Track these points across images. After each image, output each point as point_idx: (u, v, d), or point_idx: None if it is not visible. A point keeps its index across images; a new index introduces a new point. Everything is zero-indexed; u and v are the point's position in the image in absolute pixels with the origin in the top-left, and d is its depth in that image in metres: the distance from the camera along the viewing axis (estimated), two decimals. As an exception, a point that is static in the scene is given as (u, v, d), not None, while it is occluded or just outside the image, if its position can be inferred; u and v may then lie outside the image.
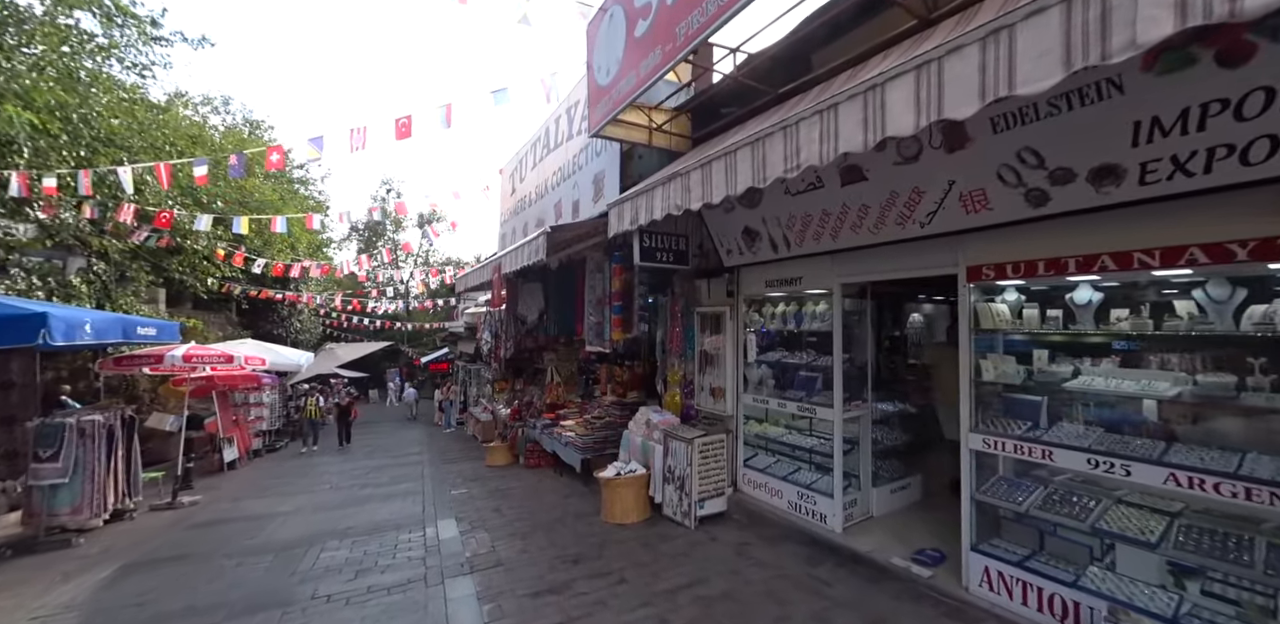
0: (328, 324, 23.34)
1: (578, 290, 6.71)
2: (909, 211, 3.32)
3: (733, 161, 3.16)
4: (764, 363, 5.18)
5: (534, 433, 8.54)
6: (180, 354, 6.86)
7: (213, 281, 10.45)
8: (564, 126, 6.93)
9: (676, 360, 5.97)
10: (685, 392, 5.81)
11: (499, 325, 8.13)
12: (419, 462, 9.91)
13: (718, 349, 5.32)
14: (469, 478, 7.98)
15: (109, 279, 8.65)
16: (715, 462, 5.06)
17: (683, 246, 4.94)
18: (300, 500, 7.24)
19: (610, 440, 7.21)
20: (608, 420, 7.33)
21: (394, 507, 6.61)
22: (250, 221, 12.88)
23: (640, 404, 7.60)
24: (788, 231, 4.25)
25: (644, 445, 5.63)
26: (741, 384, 5.17)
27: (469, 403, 15.30)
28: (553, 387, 8.95)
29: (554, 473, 7.94)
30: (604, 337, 5.87)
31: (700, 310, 5.53)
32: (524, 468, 8.43)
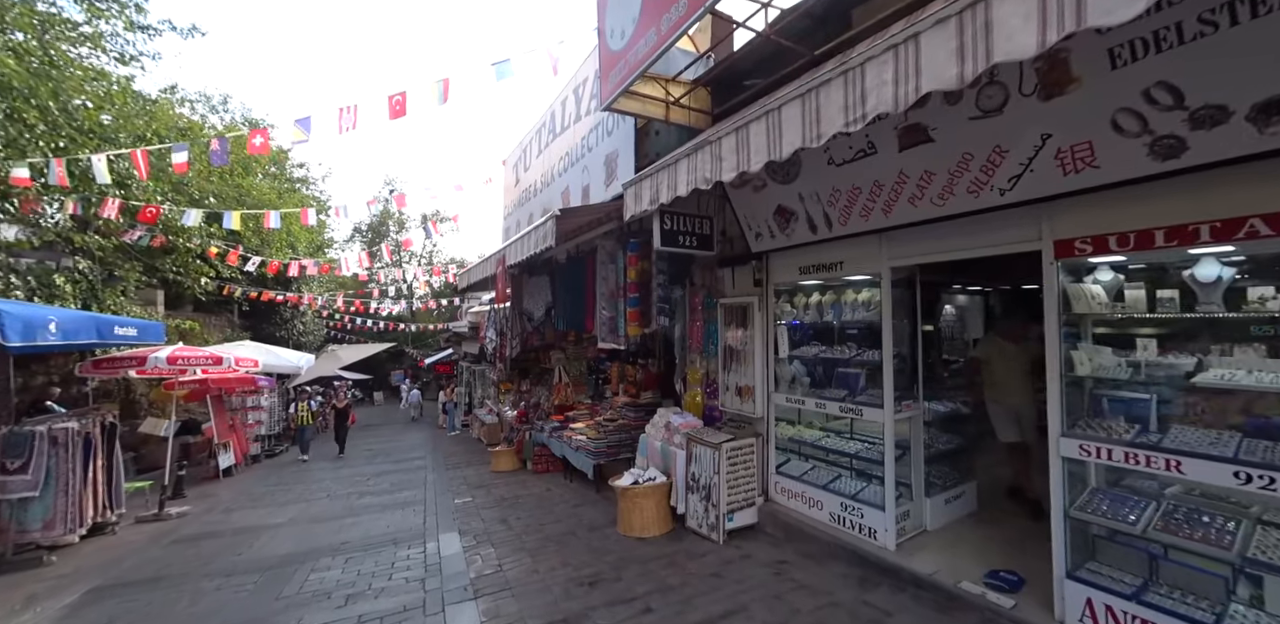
0: (331, 326, 22.94)
1: (588, 283, 6.20)
2: (986, 176, 2.79)
3: (776, 121, 2.64)
4: (798, 359, 4.65)
5: (542, 436, 8.03)
6: (164, 356, 6.39)
7: (207, 281, 9.99)
8: (571, 108, 6.44)
9: (697, 357, 5.44)
10: (708, 391, 5.29)
11: (504, 323, 7.64)
12: (421, 467, 9.42)
13: (744, 344, 4.80)
14: (473, 485, 7.48)
15: (96, 278, 8.19)
16: (745, 469, 4.54)
17: (706, 230, 4.42)
18: (295, 510, 6.75)
19: (624, 444, 6.71)
20: (621, 423, 6.82)
21: (393, 517, 6.11)
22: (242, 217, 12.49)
23: (656, 405, 7.09)
24: (829, 209, 3.72)
25: (664, 450, 5.12)
26: (772, 383, 4.65)
27: (473, 405, 14.82)
28: (561, 387, 8.44)
29: (564, 479, 7.42)
30: (618, 332, 5.36)
31: (724, 302, 5.01)
32: (532, 474, 7.93)
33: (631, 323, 5.07)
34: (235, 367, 7.21)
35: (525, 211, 8.22)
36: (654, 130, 5.22)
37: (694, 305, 5.43)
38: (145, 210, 7.41)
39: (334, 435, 11.74)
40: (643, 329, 5.14)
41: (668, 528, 4.77)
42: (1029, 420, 4.38)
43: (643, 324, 5.08)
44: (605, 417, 7.17)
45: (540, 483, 7.29)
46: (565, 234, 5.65)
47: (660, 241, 4.06)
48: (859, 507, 3.87)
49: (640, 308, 5.05)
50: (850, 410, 3.96)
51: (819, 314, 4.57)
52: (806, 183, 3.77)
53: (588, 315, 6.20)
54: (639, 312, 5.05)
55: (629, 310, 5.07)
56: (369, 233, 29.15)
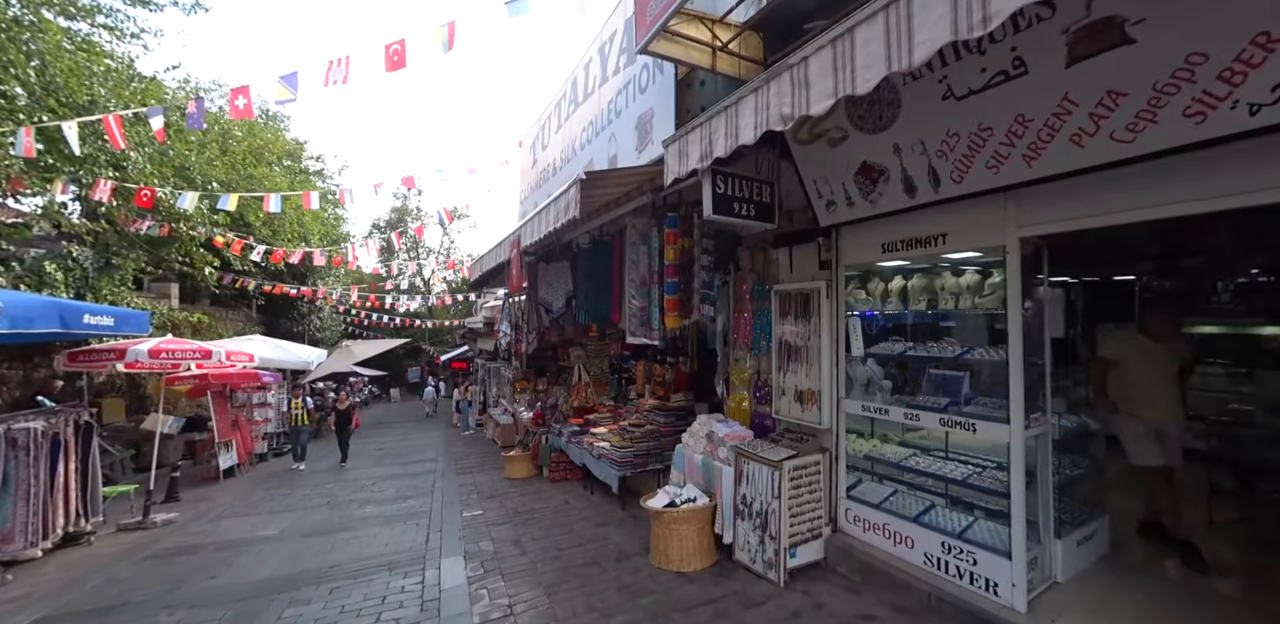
0: (349, 322, 22.57)
1: (614, 269, 5.37)
2: (1228, 87, 1.86)
3: (902, 15, 1.77)
4: (877, 358, 3.75)
5: (560, 441, 7.23)
6: (147, 349, 5.76)
7: (212, 271, 9.44)
8: (596, 70, 5.62)
9: (744, 355, 4.57)
10: (757, 396, 4.41)
11: (519, 315, 6.86)
12: (431, 471, 8.71)
13: (806, 340, 3.91)
14: (485, 494, 6.72)
15: (91, 266, 7.64)
16: (809, 492, 3.65)
17: (766, 197, 3.55)
18: (289, 520, 6.06)
19: (653, 454, 5.86)
20: (650, 429, 5.98)
21: (393, 533, 5.36)
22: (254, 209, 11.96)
23: (689, 409, 6.24)
24: (939, 161, 2.82)
25: (706, 465, 4.26)
26: (842, 387, 3.75)
27: (488, 404, 14.13)
28: (580, 387, 7.63)
29: (583, 489, 6.61)
30: (651, 324, 4.52)
31: (779, 289, 4.13)
32: (548, 482, 7.14)
33: (669, 313, 4.21)
34: (227, 361, 6.58)
35: (543, 193, 7.44)
36: (698, 81, 4.36)
37: (741, 294, 4.56)
38: (140, 193, 6.80)
39: (338, 441, 10.08)
40: (682, 320, 4.28)
41: (711, 560, 3.91)
42: (1174, 439, 3.42)
43: (683, 314, 4.23)
44: (631, 421, 6.34)
45: (558, 494, 6.49)
46: (591, 211, 4.83)
47: (712, 208, 3.21)
48: (970, 550, 2.96)
49: (680, 295, 4.19)
50: (957, 424, 3.05)
51: (903, 302, 3.66)
52: (908, 128, 2.87)
53: (614, 306, 5.37)
54: (678, 300, 4.20)
55: (666, 298, 4.22)
56: (387, 229, 28.81)
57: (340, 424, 9.97)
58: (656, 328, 4.51)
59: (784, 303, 4.15)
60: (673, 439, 6.09)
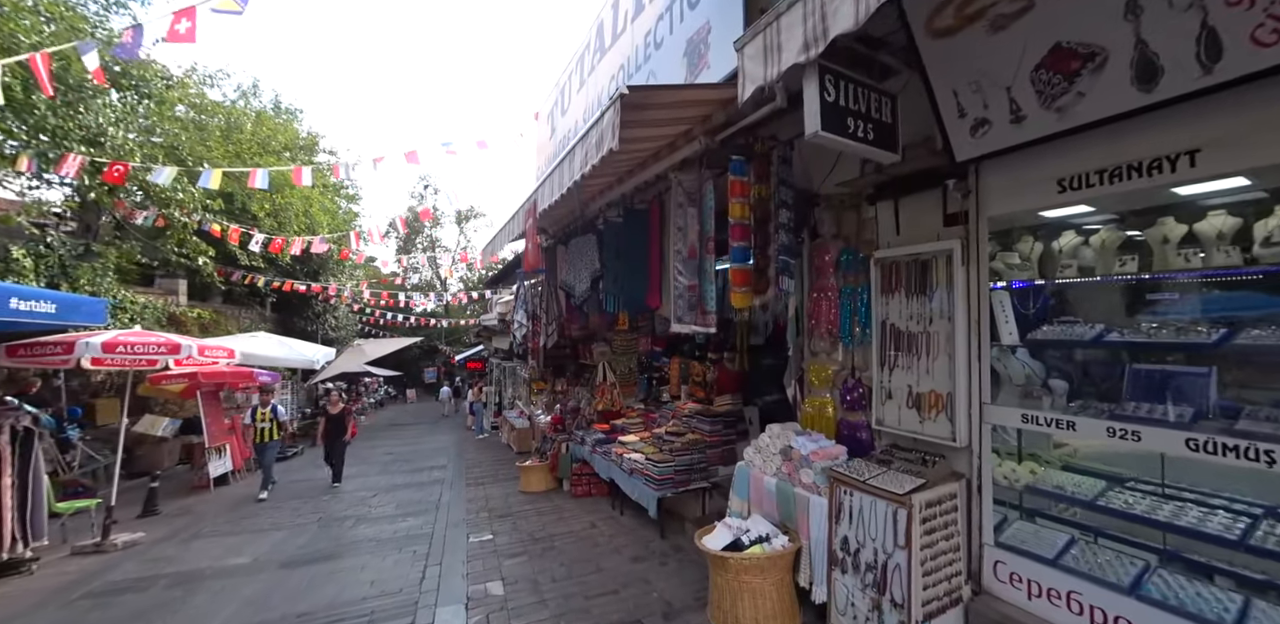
0: (364, 321, 21.93)
1: (651, 243, 4.32)
2: None
3: None
4: (1043, 346, 2.61)
5: (582, 450, 6.19)
6: (100, 342, 4.86)
7: (206, 262, 8.66)
8: (628, 3, 4.57)
9: (827, 346, 3.46)
10: (847, 399, 3.29)
11: (536, 303, 5.82)
12: (439, 480, 7.73)
13: (926, 324, 2.80)
14: (497, 512, 5.69)
15: (67, 253, 6.85)
16: (945, 538, 2.53)
17: (887, 115, 2.45)
18: (269, 542, 5.11)
19: (696, 469, 4.78)
20: (692, 439, 4.90)
21: (384, 565, 4.36)
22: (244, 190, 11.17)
23: (735, 415, 5.14)
24: (1228, 14, 1.69)
25: (781, 492, 3.16)
26: (985, 388, 2.62)
27: (503, 405, 13.18)
28: (605, 388, 6.58)
29: (610, 507, 5.56)
30: (705, 306, 3.43)
31: (883, 257, 3.02)
32: (569, 497, 6.10)
33: (737, 288, 3.12)
34: (200, 356, 5.69)
35: (563, 169, 6.41)
36: (773, -23, 3.27)
37: (820, 267, 3.45)
38: (111, 168, 5.94)
39: (324, 455, 7.86)
40: (755, 298, 3.19)
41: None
42: None
43: (757, 288, 3.14)
44: (668, 429, 5.26)
45: (581, 513, 5.44)
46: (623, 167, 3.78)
47: (820, 122, 2.12)
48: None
49: (755, 263, 3.10)
50: (1234, 449, 1.89)
51: (1078, 268, 2.52)
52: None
53: (651, 288, 4.31)
54: (748, 271, 3.11)
55: (733, 269, 3.12)
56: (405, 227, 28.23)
57: (331, 434, 7.76)
58: (712, 310, 3.42)
59: (889, 275, 3.03)
60: (720, 451, 5.01)
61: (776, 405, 5.38)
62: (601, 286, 4.67)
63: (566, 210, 5.58)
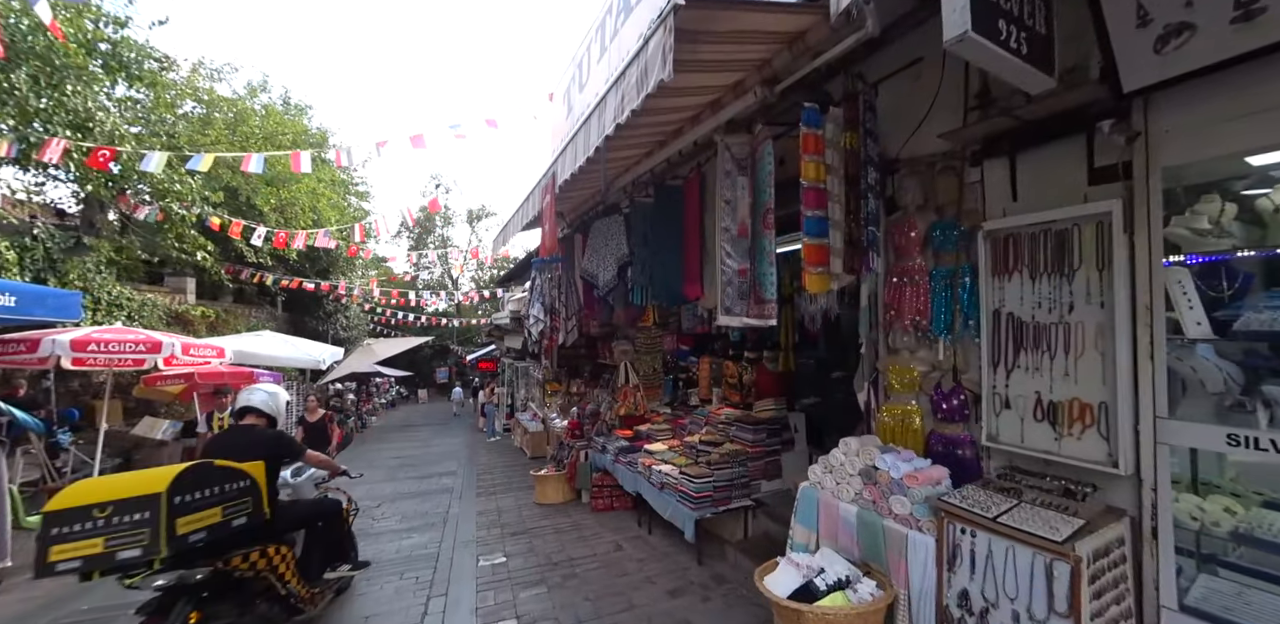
0: (375, 321, 21.58)
1: (688, 224, 3.69)
2: None
3: None
4: (1254, 340, 1.93)
5: (604, 459, 5.58)
6: (68, 339, 4.35)
7: (205, 256, 8.21)
8: (659, -52, 3.98)
9: (911, 341, 2.81)
10: (943, 408, 2.64)
11: (555, 295, 5.21)
12: (448, 488, 7.17)
13: (1064, 312, 2.14)
14: (510, 528, 5.10)
15: (56, 246, 6.40)
16: (1114, 601, 1.86)
17: (1041, 24, 1.81)
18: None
19: (738, 485, 4.15)
20: (732, 450, 4.26)
21: (383, 595, 3.77)
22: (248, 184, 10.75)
23: (779, 422, 4.50)
24: None
25: (865, 523, 2.51)
26: (1163, 396, 1.95)
27: (516, 407, 12.63)
28: (627, 391, 5.96)
29: (636, 523, 4.94)
30: (762, 293, 2.79)
31: (996, 228, 2.36)
32: (589, 511, 5.49)
33: (811, 269, 2.47)
34: (184, 355, 5.18)
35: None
36: None
37: (902, 245, 2.79)
38: (97, 153, 5.47)
39: None
40: (838, 279, 2.55)
41: (898, 702, 2.16)
42: None
43: (848, 266, 2.49)
44: (702, 438, 4.63)
45: (604, 531, 4.82)
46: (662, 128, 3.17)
47: (970, 20, 1.48)
48: None
49: (848, 234, 2.46)
50: None
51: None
52: None
53: (688, 276, 3.68)
54: (824, 248, 2.47)
55: (808, 246, 2.47)
56: (416, 228, 27.92)
57: (312, 444, 5.59)
58: (771, 298, 2.78)
59: (1003, 251, 2.37)
60: (763, 464, 4.36)
61: (826, 410, 4.73)
62: (630, 276, 4.04)
63: (588, 192, 4.98)
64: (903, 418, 2.84)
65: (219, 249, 12.01)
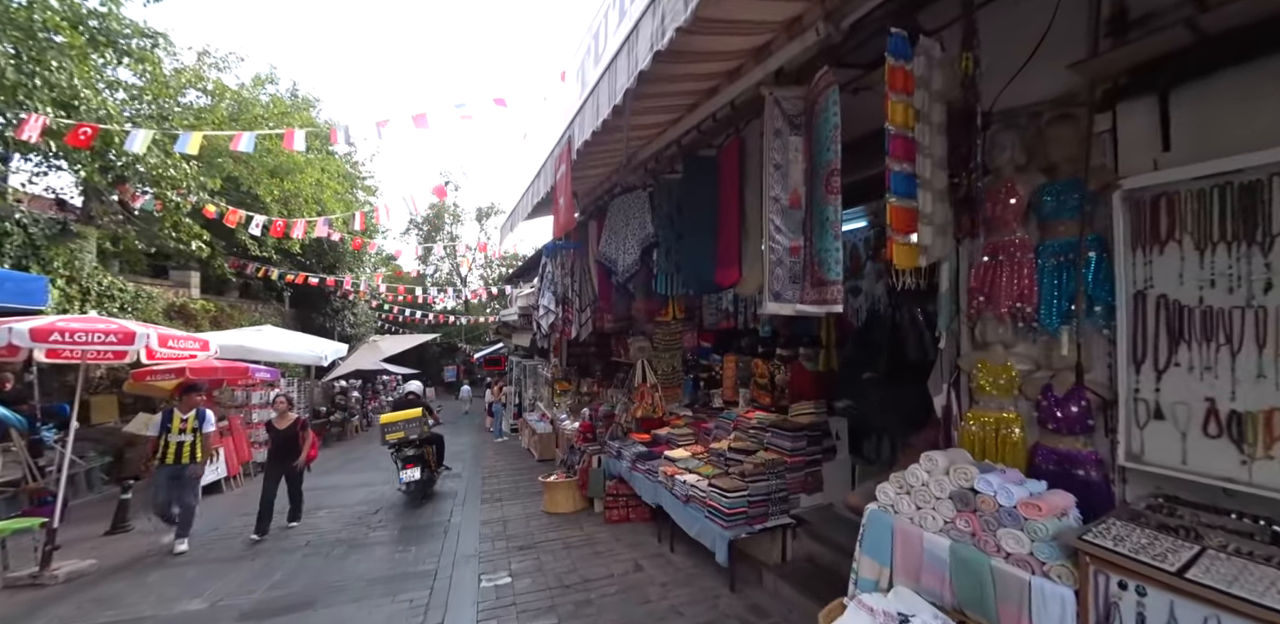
0: (383, 318, 21.26)
1: (726, 196, 3.16)
2: None
3: None
4: None
5: (618, 466, 5.06)
6: (28, 328, 3.90)
7: (200, 246, 7.81)
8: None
9: (1007, 333, 2.27)
10: (1056, 416, 2.09)
11: (568, 284, 4.66)
12: (451, 493, 6.69)
13: (1261, 292, 1.58)
14: (517, 542, 4.60)
15: (39, 232, 6.00)
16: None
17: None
18: (237, 578, 4.09)
19: (776, 499, 3.62)
20: (770, 459, 3.72)
21: (372, 622, 3.29)
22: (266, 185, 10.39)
23: (820, 428, 3.96)
24: None
25: (961, 561, 1.96)
26: None
27: (523, 407, 12.16)
28: (645, 391, 5.44)
29: (655, 539, 4.43)
30: (826, 272, 2.25)
31: (1141, 186, 1.83)
32: (602, 522, 4.99)
33: (898, 237, 1.94)
34: (161, 347, 4.73)
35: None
36: None
37: (996, 215, 2.24)
38: (78, 130, 5.04)
39: (262, 491, 5.14)
40: (929, 251, 2.01)
41: None
42: None
43: (963, 228, 1.97)
44: (731, 444, 4.10)
45: (620, 547, 4.30)
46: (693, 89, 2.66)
47: None
48: None
49: (964, 188, 1.93)
50: None
51: None
52: None
53: (722, 257, 3.15)
54: (911, 212, 1.93)
55: (895, 209, 1.93)
56: (425, 225, 27.63)
57: (278, 456, 5.20)
58: (835, 278, 2.24)
59: (1152, 216, 1.82)
60: (802, 476, 3.82)
61: (874, 415, 4.18)
62: (655, 259, 3.52)
63: (604, 171, 4.47)
64: (996, 427, 2.29)
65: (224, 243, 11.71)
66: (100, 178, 7.43)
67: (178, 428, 4.91)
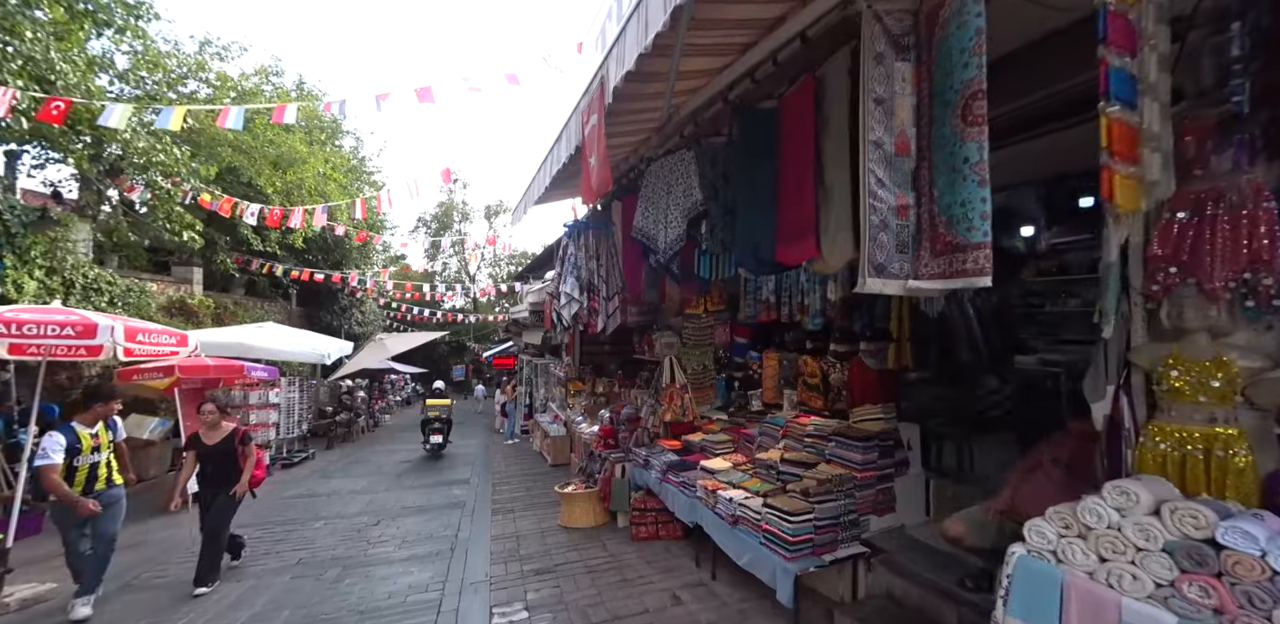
0: (391, 317, 20.81)
1: (787, 152, 2.53)
2: None
3: None
4: None
5: (647, 477, 4.45)
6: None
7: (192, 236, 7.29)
8: None
9: (1222, 316, 1.62)
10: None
11: (594, 267, 3.98)
12: (460, 502, 6.11)
13: None
14: (533, 563, 4.00)
15: (15, 219, 5.49)
16: None
17: None
18: (212, 608, 3.52)
19: (846, 523, 2.98)
20: (835, 474, 3.09)
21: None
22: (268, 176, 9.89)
23: (891, 437, 3.33)
24: None
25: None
26: None
27: (534, 407, 11.57)
28: (674, 392, 4.81)
29: (692, 562, 3.82)
30: (960, 232, 1.63)
31: None
32: (627, 539, 4.38)
33: (1118, 166, 1.31)
34: (124, 341, 4.18)
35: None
36: None
37: (1201, 153, 1.59)
38: (49, 105, 4.51)
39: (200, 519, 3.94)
40: (1156, 187, 1.39)
41: None
42: None
43: (1187, 161, 1.34)
44: (784, 455, 3.47)
45: (651, 571, 3.69)
46: None
47: None
48: None
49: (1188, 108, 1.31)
50: None
51: None
52: None
53: (787, 227, 2.52)
54: (1132, 128, 1.30)
55: (1112, 118, 1.30)
56: (433, 222, 27.19)
57: (210, 478, 3.94)
58: (979, 241, 1.62)
59: None
60: (872, 494, 3.18)
61: (959, 421, 3.54)
62: (705, 233, 2.88)
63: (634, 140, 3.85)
64: (1206, 447, 1.65)
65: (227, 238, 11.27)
66: (91, 166, 6.94)
67: (88, 447, 3.61)
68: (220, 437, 4.01)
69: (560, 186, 4.07)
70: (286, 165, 10.05)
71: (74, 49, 5.72)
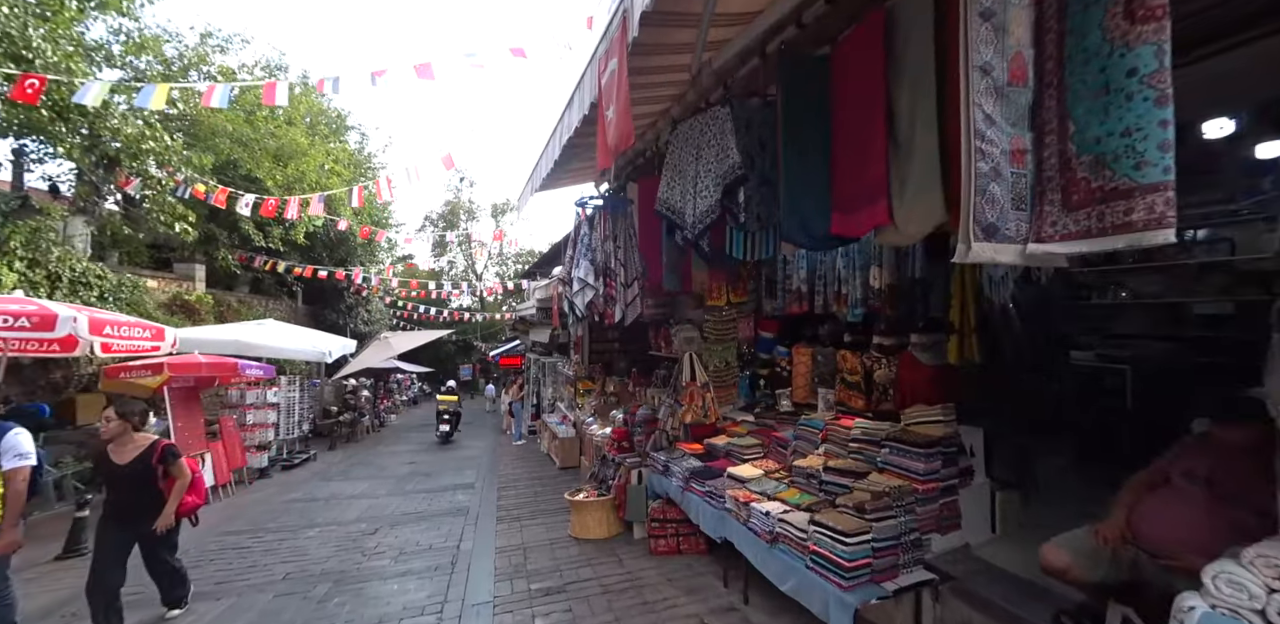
0: (397, 315, 20.51)
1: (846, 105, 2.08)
2: None
3: None
4: None
5: (667, 484, 4.01)
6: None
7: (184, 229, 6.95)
8: None
9: None
10: None
11: (610, 249, 3.51)
12: (464, 509, 5.70)
13: None
14: (541, 581, 3.57)
15: (-3, 208, 5.15)
16: None
17: None
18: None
19: (907, 544, 2.52)
20: (895, 486, 2.63)
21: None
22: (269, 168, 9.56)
23: (953, 442, 2.88)
24: None
25: None
26: None
27: (542, 407, 11.16)
28: (694, 391, 4.36)
29: (720, 581, 3.37)
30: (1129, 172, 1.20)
31: None
32: (644, 552, 3.94)
33: None
34: (87, 334, 3.77)
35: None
36: None
37: None
38: (23, 82, 4.15)
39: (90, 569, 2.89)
40: None
41: None
42: None
43: None
44: (828, 463, 3.02)
45: (675, 593, 3.24)
46: None
47: None
48: None
49: None
50: None
51: None
52: None
53: (846, 191, 2.07)
54: None
55: None
56: (440, 221, 26.89)
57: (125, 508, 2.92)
58: (1159, 181, 1.17)
59: None
60: (937, 508, 2.71)
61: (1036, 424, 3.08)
62: (742, 201, 2.44)
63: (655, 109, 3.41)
64: None
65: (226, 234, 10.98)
66: (83, 157, 6.61)
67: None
68: (133, 454, 2.87)
69: (571, 162, 3.64)
70: (287, 158, 9.72)
71: (62, 29, 5.38)
